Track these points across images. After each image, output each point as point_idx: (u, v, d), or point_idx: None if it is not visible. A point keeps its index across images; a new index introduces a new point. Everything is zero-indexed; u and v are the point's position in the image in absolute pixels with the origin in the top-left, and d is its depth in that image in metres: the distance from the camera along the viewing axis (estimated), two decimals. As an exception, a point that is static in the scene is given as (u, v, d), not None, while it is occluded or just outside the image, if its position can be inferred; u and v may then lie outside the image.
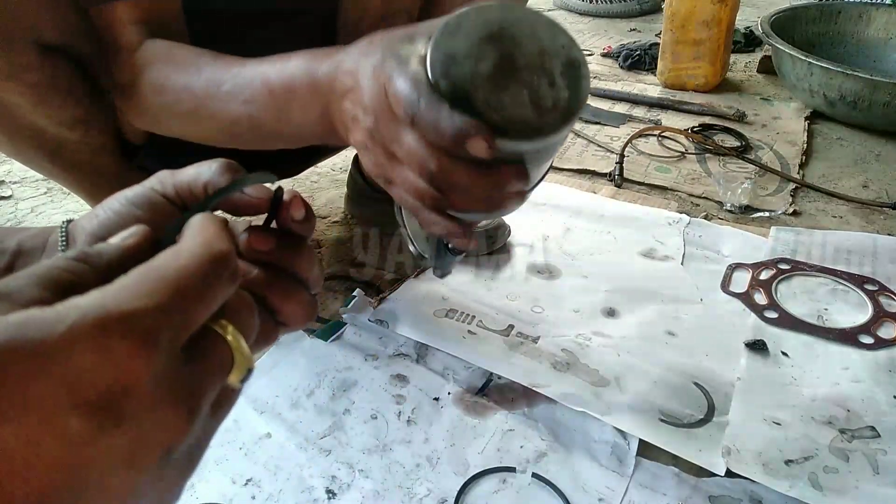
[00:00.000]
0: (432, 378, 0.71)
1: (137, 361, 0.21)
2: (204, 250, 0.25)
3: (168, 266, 0.23)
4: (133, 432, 0.21)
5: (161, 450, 0.22)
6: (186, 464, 0.25)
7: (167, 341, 0.22)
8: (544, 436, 0.65)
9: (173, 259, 0.24)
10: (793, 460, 0.62)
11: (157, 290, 0.22)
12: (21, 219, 1.06)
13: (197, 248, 0.25)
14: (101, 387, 0.20)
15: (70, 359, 0.20)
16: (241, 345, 0.25)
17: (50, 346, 0.20)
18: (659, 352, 0.74)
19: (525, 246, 0.92)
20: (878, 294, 0.83)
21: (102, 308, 0.21)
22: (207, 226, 0.26)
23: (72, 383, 0.20)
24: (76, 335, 0.20)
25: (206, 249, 0.25)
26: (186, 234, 0.26)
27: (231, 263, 0.25)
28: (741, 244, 0.94)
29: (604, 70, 1.66)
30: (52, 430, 0.20)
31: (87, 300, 0.21)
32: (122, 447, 0.21)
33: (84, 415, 0.20)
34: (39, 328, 0.20)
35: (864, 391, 0.69)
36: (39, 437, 0.19)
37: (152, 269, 0.23)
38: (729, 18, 1.45)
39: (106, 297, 0.21)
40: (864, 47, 1.53)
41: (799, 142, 1.27)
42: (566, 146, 1.25)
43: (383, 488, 0.60)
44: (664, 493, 0.59)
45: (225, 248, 0.25)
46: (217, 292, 0.24)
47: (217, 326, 0.25)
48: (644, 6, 2.17)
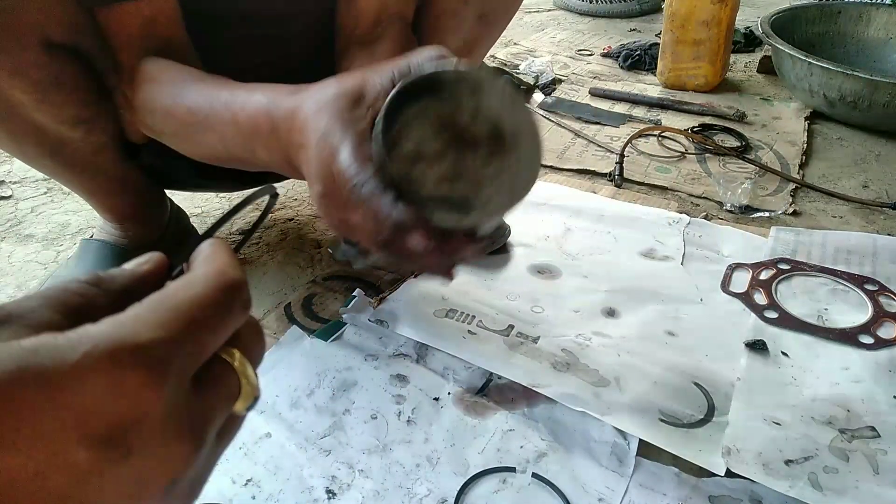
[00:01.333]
0: (432, 378, 0.71)
1: (148, 394, 0.20)
2: (217, 279, 0.24)
3: (181, 296, 0.23)
4: (140, 465, 0.21)
5: (166, 480, 0.22)
6: (189, 492, 0.24)
7: (178, 372, 0.22)
8: (544, 436, 0.65)
9: (187, 288, 0.23)
10: (793, 460, 0.62)
11: (169, 321, 0.22)
12: (21, 219, 1.06)
13: (210, 277, 0.24)
14: (111, 420, 0.20)
15: (81, 390, 0.19)
16: (249, 373, 0.25)
17: (61, 375, 0.19)
18: (659, 352, 0.74)
19: (525, 246, 0.92)
20: (878, 294, 0.83)
21: (115, 338, 0.20)
22: (219, 253, 0.26)
23: (82, 415, 0.20)
24: (88, 366, 0.20)
25: (218, 278, 0.24)
26: (198, 261, 0.26)
27: (244, 292, 0.25)
28: (741, 244, 0.94)
29: (604, 70, 1.66)
30: (59, 462, 0.19)
31: (99, 329, 0.21)
32: (129, 479, 0.21)
33: (93, 448, 0.20)
34: (52, 357, 0.19)
35: (864, 391, 0.69)
36: (46, 469, 0.19)
37: (165, 299, 0.23)
38: (729, 18, 1.45)
39: (119, 326, 0.21)
40: (864, 47, 1.53)
41: (799, 142, 1.27)
42: (566, 146, 1.25)
43: (383, 488, 0.60)
44: (664, 493, 0.59)
45: (237, 276, 0.25)
46: (229, 322, 0.24)
47: (225, 354, 0.25)
48: (644, 6, 2.17)
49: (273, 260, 0.94)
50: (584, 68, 1.67)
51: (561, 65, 1.68)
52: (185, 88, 0.59)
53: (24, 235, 1.02)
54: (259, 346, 0.27)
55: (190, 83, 0.59)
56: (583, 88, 1.52)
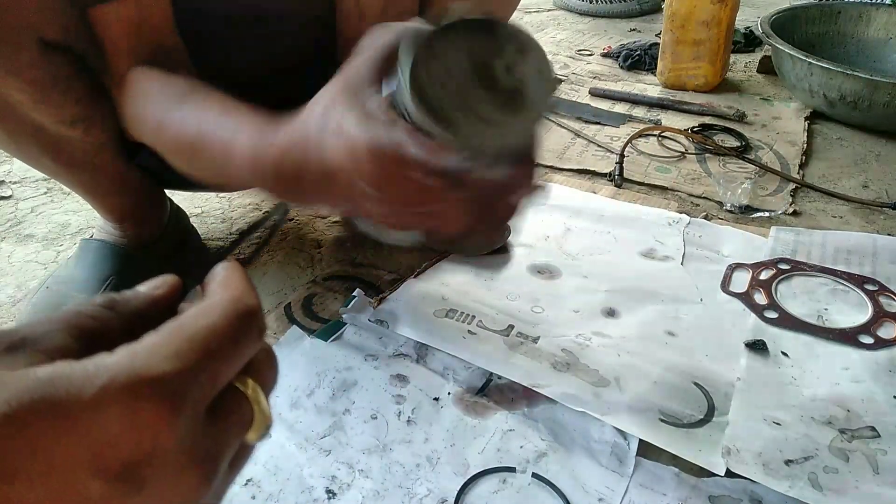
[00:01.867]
0: (432, 378, 0.71)
1: (163, 428, 0.20)
2: (232, 307, 0.24)
3: (197, 325, 0.23)
4: (153, 496, 0.21)
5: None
6: None
7: (193, 405, 0.21)
8: (544, 436, 0.65)
9: (202, 317, 0.23)
10: (793, 460, 0.62)
11: (185, 352, 0.22)
12: (21, 219, 1.06)
13: (226, 305, 0.24)
14: (125, 453, 0.20)
15: (96, 423, 0.19)
16: (262, 401, 0.25)
17: (76, 407, 0.19)
18: (659, 352, 0.74)
19: (525, 246, 0.92)
20: (878, 294, 0.83)
21: (130, 370, 0.20)
22: (234, 278, 0.26)
23: (96, 448, 0.19)
24: (104, 398, 0.20)
25: (234, 306, 0.24)
26: (213, 286, 0.26)
27: (259, 320, 0.25)
28: (741, 244, 0.94)
29: (604, 70, 1.66)
30: (72, 495, 0.19)
31: (115, 360, 0.21)
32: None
33: (106, 480, 0.20)
34: (67, 388, 0.19)
35: (864, 391, 0.69)
36: (59, 501, 0.19)
37: (181, 328, 0.22)
38: (729, 18, 1.45)
39: (134, 357, 0.21)
40: (864, 47, 1.53)
41: (799, 142, 1.27)
42: (566, 146, 1.25)
43: (383, 488, 0.60)
44: (664, 493, 0.59)
45: (253, 303, 0.25)
46: (245, 351, 0.24)
47: (238, 382, 0.24)
48: (644, 6, 2.17)
49: (273, 260, 0.94)
50: (584, 68, 1.67)
51: (561, 65, 1.68)
52: (170, 112, 0.58)
53: (24, 235, 1.02)
54: (272, 372, 0.26)
55: (175, 105, 0.58)
56: (583, 88, 1.52)
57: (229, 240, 0.99)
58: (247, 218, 1.04)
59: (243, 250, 0.96)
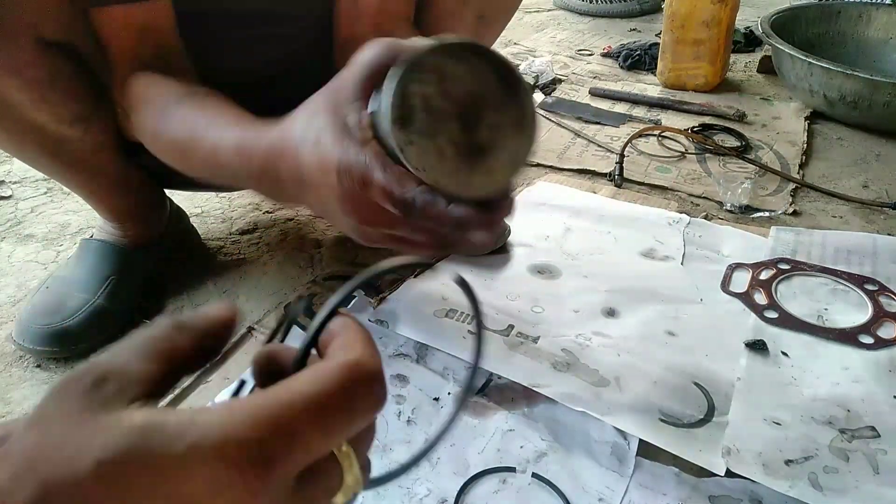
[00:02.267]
0: (432, 378, 0.71)
1: (247, 495, 0.20)
2: (350, 374, 0.22)
3: (306, 390, 0.21)
4: None
5: None
6: None
7: (284, 473, 0.21)
8: (544, 436, 0.65)
9: (313, 382, 0.22)
10: (793, 460, 0.62)
11: (286, 418, 0.21)
12: (21, 219, 1.06)
13: (343, 371, 0.22)
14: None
15: (184, 481, 0.19)
16: (355, 468, 0.23)
17: (167, 463, 0.19)
18: (659, 352, 0.74)
19: (525, 246, 0.92)
20: (878, 294, 0.83)
21: (223, 431, 0.20)
22: (355, 338, 0.24)
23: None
24: (193, 456, 0.19)
25: (353, 373, 0.22)
26: (332, 347, 0.24)
27: (381, 388, 0.23)
28: (741, 244, 0.94)
29: (604, 70, 1.66)
30: None
31: (209, 420, 0.20)
32: None
33: None
34: (160, 443, 0.19)
35: (864, 391, 0.69)
36: None
37: (288, 391, 0.21)
38: (729, 18, 1.45)
39: (230, 416, 0.20)
40: (864, 47, 1.53)
41: (799, 142, 1.27)
42: (566, 146, 1.25)
43: (383, 488, 0.60)
44: (664, 493, 0.59)
45: (375, 370, 0.23)
46: (358, 423, 0.22)
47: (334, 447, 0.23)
48: (644, 6, 2.17)
49: (273, 260, 0.94)
50: (584, 68, 1.67)
51: (561, 65, 1.68)
52: (166, 117, 0.59)
53: (24, 235, 1.02)
54: (370, 437, 0.25)
55: (172, 109, 0.59)
56: (583, 88, 1.52)
57: (229, 240, 0.99)
58: (247, 218, 1.04)
59: (243, 250, 0.96)
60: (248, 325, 0.80)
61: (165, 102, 0.60)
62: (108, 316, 0.80)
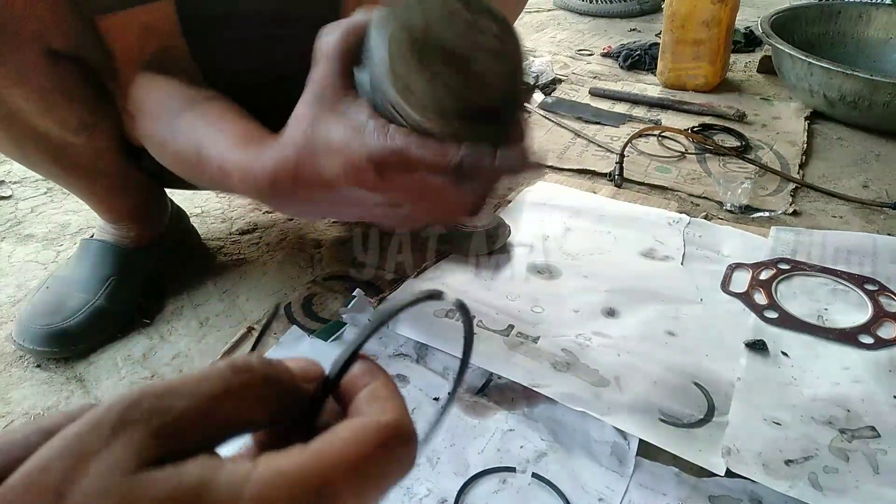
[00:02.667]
0: (432, 378, 0.71)
1: None
2: (387, 435, 0.23)
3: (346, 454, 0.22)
4: None
5: None
6: None
7: None
8: (544, 436, 0.65)
9: (355, 443, 0.22)
10: (793, 460, 0.62)
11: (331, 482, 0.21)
12: (21, 219, 1.06)
13: (381, 431, 0.23)
14: None
15: None
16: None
17: None
18: (659, 352, 0.74)
19: (525, 246, 0.92)
20: (878, 294, 0.83)
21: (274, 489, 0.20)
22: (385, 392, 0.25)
23: None
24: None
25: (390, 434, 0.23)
26: (361, 400, 0.24)
27: (415, 453, 0.23)
28: (741, 244, 0.94)
29: (604, 70, 1.66)
30: None
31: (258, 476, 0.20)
32: None
33: None
34: (214, 499, 0.20)
35: (864, 391, 0.69)
36: None
37: (331, 453, 0.22)
38: (729, 18, 1.45)
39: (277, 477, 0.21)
40: (864, 47, 1.53)
41: (799, 142, 1.27)
42: (566, 146, 1.25)
43: (383, 488, 0.60)
44: (664, 493, 0.59)
45: (411, 430, 0.23)
46: (391, 484, 0.23)
47: None
48: (644, 6, 2.17)
49: (273, 260, 0.94)
50: (584, 68, 1.67)
51: (561, 65, 1.68)
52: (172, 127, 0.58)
53: (24, 235, 1.02)
54: None
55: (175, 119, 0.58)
56: (583, 88, 1.52)
57: (229, 240, 0.99)
58: (247, 218, 1.04)
59: (243, 250, 0.96)
60: (248, 326, 0.80)
61: (169, 110, 0.59)
62: (108, 316, 0.80)
